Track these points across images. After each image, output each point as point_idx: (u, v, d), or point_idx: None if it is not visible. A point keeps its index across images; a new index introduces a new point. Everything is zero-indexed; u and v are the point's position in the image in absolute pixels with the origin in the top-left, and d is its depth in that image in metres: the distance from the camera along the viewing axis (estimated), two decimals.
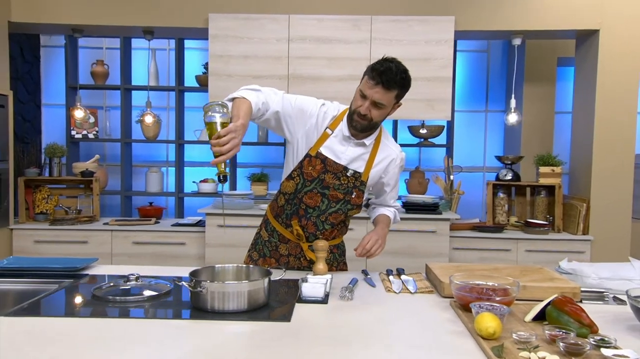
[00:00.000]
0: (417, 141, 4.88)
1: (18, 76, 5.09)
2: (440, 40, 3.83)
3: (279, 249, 2.19)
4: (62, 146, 4.27)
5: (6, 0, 3.90)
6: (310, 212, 2.10)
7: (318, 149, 2.06)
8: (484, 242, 3.91)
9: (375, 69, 1.93)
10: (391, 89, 1.93)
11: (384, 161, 2.13)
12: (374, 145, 2.11)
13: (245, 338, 1.39)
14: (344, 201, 2.10)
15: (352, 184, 2.09)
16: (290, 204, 2.13)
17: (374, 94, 1.93)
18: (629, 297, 1.48)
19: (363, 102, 1.97)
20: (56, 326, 1.43)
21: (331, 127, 2.09)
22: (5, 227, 3.87)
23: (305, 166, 2.07)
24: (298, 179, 2.08)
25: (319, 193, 2.08)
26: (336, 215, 2.12)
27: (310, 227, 2.12)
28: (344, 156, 2.07)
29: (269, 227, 2.23)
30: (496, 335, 1.36)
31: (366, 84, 1.96)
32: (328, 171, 2.07)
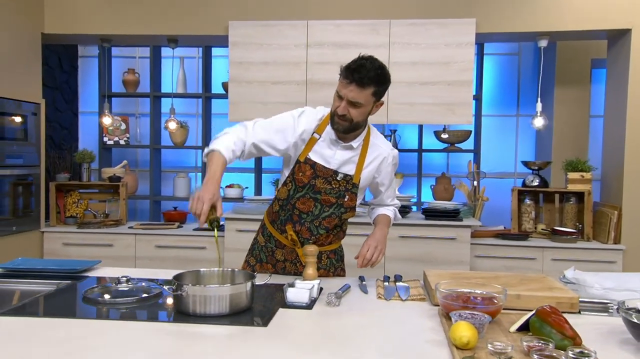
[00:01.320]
0: (443, 146, 4.80)
1: (56, 85, 5.30)
2: (461, 44, 3.75)
3: (275, 255, 2.19)
4: (92, 152, 4.41)
5: (40, 13, 4.07)
6: (304, 217, 2.09)
7: (306, 155, 2.06)
8: (507, 251, 3.79)
9: (348, 68, 1.92)
10: (366, 86, 1.90)
11: (374, 161, 2.11)
12: (362, 146, 2.08)
13: (216, 342, 1.39)
14: (337, 204, 2.09)
15: (343, 187, 2.07)
16: (284, 209, 2.13)
17: (349, 92, 1.91)
18: (621, 309, 1.40)
19: (340, 102, 1.95)
20: (38, 325, 1.47)
21: (318, 131, 2.07)
22: (36, 230, 4.03)
23: (296, 172, 2.07)
24: (290, 185, 2.09)
25: (311, 198, 2.07)
26: (330, 219, 2.10)
27: (305, 233, 2.11)
28: (333, 160, 2.06)
29: (266, 232, 2.23)
30: (470, 345, 1.31)
31: (341, 84, 1.94)
32: (318, 176, 2.06)
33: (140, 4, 4.05)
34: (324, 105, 2.18)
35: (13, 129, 3.80)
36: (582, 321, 1.61)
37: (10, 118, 3.76)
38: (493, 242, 3.82)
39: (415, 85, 3.79)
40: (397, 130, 4.87)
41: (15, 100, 3.81)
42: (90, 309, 1.63)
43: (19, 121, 3.85)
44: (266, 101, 3.88)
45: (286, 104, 3.86)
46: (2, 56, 3.68)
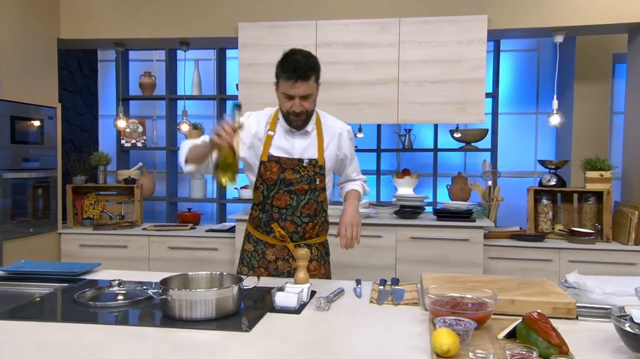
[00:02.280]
0: (459, 146, 4.72)
1: (76, 89, 5.41)
2: (472, 41, 3.68)
3: (266, 256, 2.23)
4: (107, 154, 4.48)
5: (56, 19, 4.15)
6: (283, 212, 2.16)
7: (268, 153, 2.15)
8: (522, 252, 3.70)
9: (286, 69, 2.02)
10: (309, 77, 2.03)
11: (332, 139, 2.21)
12: (316, 130, 2.19)
13: (197, 347, 1.38)
14: (310, 190, 2.16)
15: (312, 172, 2.16)
16: (263, 212, 2.20)
17: (298, 90, 2.02)
18: (612, 317, 1.34)
19: (291, 102, 2.06)
20: (23, 329, 1.48)
21: (271, 128, 2.19)
22: (54, 231, 4.11)
23: (262, 172, 2.15)
24: (262, 186, 2.17)
25: (285, 192, 2.15)
26: (309, 206, 2.17)
27: (290, 227, 2.17)
28: (294, 149, 2.16)
29: (252, 239, 2.28)
30: (451, 353, 1.28)
31: (285, 85, 2.04)
32: (285, 169, 2.14)
33: (153, 8, 4.09)
34: (333, 106, 2.25)
35: (31, 133, 3.88)
36: (579, 328, 1.56)
37: (28, 122, 3.84)
38: (508, 244, 3.74)
39: (426, 84, 3.74)
40: (411, 129, 4.82)
41: (33, 105, 3.89)
42: (79, 313, 1.64)
43: (37, 125, 3.93)
44: (276, 102, 3.84)
45: None
46: (20, 62, 3.76)
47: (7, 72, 3.61)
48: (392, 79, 3.77)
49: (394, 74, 3.76)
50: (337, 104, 3.78)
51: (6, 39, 3.63)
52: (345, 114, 3.83)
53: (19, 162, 3.75)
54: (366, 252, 3.68)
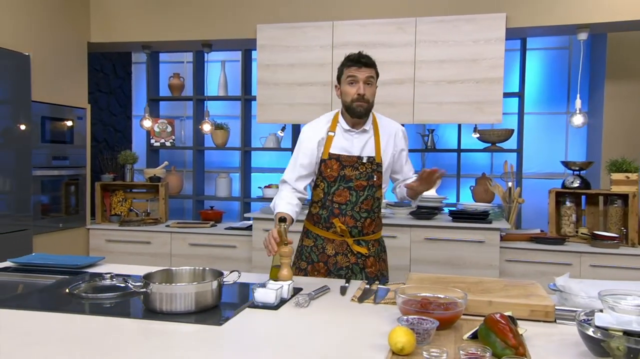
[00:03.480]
0: (484, 146, 4.64)
1: (110, 90, 5.63)
2: (490, 39, 3.62)
3: (326, 251, 2.32)
4: (134, 153, 4.64)
5: (86, 23, 4.34)
6: (344, 208, 2.27)
7: (328, 151, 2.28)
8: (541, 255, 3.62)
9: (352, 59, 2.24)
10: (371, 66, 2.23)
11: (389, 138, 2.34)
12: (374, 129, 2.31)
13: (164, 338, 1.43)
14: (368, 186, 2.27)
15: (370, 169, 2.28)
16: (324, 208, 2.31)
17: (363, 74, 2.20)
18: (577, 321, 1.31)
19: (356, 86, 2.21)
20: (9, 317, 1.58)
21: (331, 130, 2.32)
22: (83, 227, 4.30)
23: (323, 170, 2.29)
24: (322, 184, 2.30)
25: (345, 188, 2.27)
26: (367, 202, 2.28)
27: (350, 221, 2.27)
28: (353, 147, 2.28)
29: (311, 235, 2.37)
30: (405, 351, 1.29)
31: (350, 71, 2.22)
32: (345, 166, 2.27)
33: (177, 11, 4.21)
34: None
35: (61, 132, 4.07)
36: (554, 331, 1.53)
37: (58, 122, 4.03)
38: (526, 246, 3.65)
39: (443, 83, 3.70)
40: (435, 130, 4.77)
41: (63, 106, 4.08)
42: (67, 303, 1.72)
43: (67, 125, 4.12)
44: (293, 102, 3.92)
45: (312, 105, 3.89)
46: (51, 65, 3.95)
47: (39, 74, 3.79)
48: (408, 79, 3.75)
49: (410, 73, 3.75)
50: None
51: (38, 44, 3.82)
52: None
53: (49, 161, 3.94)
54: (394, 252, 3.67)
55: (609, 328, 1.28)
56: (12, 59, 3.55)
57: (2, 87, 3.46)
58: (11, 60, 3.54)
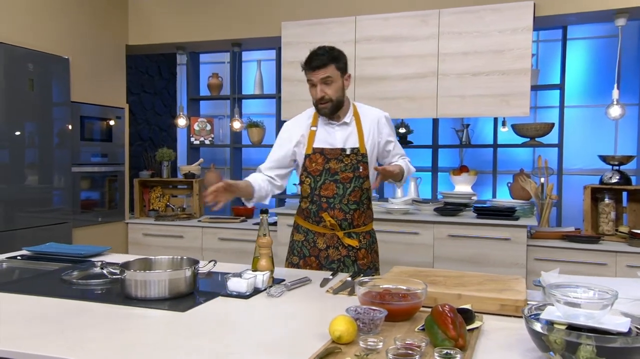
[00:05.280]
0: (522, 141, 4.46)
1: (156, 91, 5.87)
2: (517, 29, 3.48)
3: (317, 245, 2.33)
4: (171, 151, 4.81)
5: (124, 26, 4.55)
6: (331, 202, 2.27)
7: (312, 146, 2.29)
8: (574, 254, 3.43)
9: (306, 62, 2.24)
10: (326, 65, 2.19)
11: (371, 126, 2.32)
12: (355, 120, 2.31)
13: (117, 322, 1.48)
14: (355, 177, 2.28)
15: (355, 160, 2.28)
16: (312, 203, 2.32)
17: (317, 76, 2.19)
18: (524, 316, 1.25)
19: (315, 89, 2.22)
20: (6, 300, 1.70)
21: (313, 124, 2.34)
22: (121, 221, 4.51)
23: (308, 165, 2.30)
24: (308, 179, 2.31)
25: (331, 182, 2.27)
26: (354, 193, 2.28)
27: (339, 215, 2.28)
28: (336, 140, 2.29)
29: (302, 230, 2.39)
30: (343, 339, 1.28)
31: (307, 76, 2.24)
32: (329, 159, 2.27)
33: (209, 13, 4.34)
34: (372, 101, 2.66)
35: (100, 131, 4.29)
36: (518, 326, 1.46)
37: (97, 122, 4.25)
38: (557, 245, 3.48)
39: (466, 76, 3.60)
40: (470, 124, 4.64)
41: (102, 106, 4.30)
42: (54, 288, 1.82)
43: (106, 124, 4.34)
44: None
45: None
46: (90, 67, 4.18)
47: (78, 76, 4.02)
48: (431, 73, 3.68)
49: (433, 67, 3.67)
50: (376, 99, 3.76)
51: (78, 47, 4.05)
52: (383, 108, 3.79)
53: (89, 158, 4.17)
54: (402, 249, 3.63)
55: (555, 322, 1.22)
56: (53, 62, 3.79)
57: (43, 90, 3.69)
58: (52, 64, 3.78)
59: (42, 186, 3.73)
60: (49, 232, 3.75)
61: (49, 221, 3.78)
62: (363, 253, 2.33)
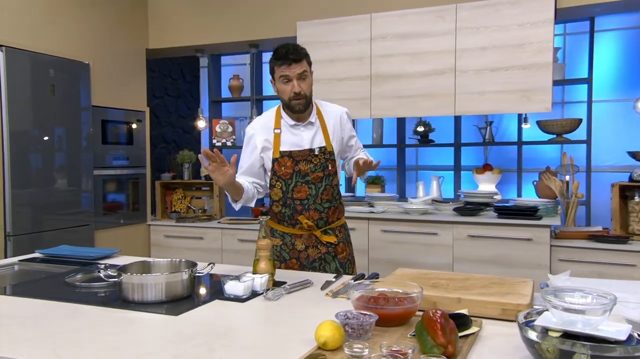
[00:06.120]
0: (548, 138, 4.32)
1: (179, 94, 5.93)
2: (537, 22, 3.36)
3: (295, 246, 2.31)
4: (192, 153, 4.84)
5: (145, 31, 4.61)
6: (305, 203, 2.25)
7: (279, 150, 2.25)
8: (600, 255, 3.30)
9: (280, 56, 2.17)
10: (302, 59, 2.17)
11: (335, 124, 2.32)
12: (318, 119, 2.30)
13: (107, 325, 1.47)
14: (325, 176, 2.27)
15: (323, 159, 2.26)
16: (285, 206, 2.29)
17: (294, 70, 2.15)
18: (518, 323, 1.19)
19: (291, 85, 2.17)
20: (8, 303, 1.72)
21: (276, 127, 2.28)
22: (143, 223, 4.57)
23: (277, 169, 2.26)
24: (279, 183, 2.26)
25: (302, 184, 2.24)
26: (327, 192, 2.28)
27: (315, 215, 2.27)
28: (303, 141, 2.26)
29: (277, 233, 2.36)
30: (328, 346, 1.24)
31: (281, 70, 2.16)
32: (298, 161, 2.24)
33: (226, 15, 4.35)
34: (388, 99, 2.70)
35: (121, 134, 4.35)
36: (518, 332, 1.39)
37: (118, 125, 4.31)
38: (582, 245, 3.35)
39: (485, 72, 3.50)
40: (493, 122, 4.52)
41: (123, 109, 4.36)
42: (55, 291, 1.83)
43: (127, 128, 4.40)
44: (332, 97, 3.86)
45: (351, 100, 3.84)
46: (111, 71, 4.24)
47: (99, 81, 4.09)
48: (448, 69, 3.59)
49: (450, 63, 3.58)
50: (393, 98, 3.70)
51: (98, 52, 4.11)
52: (400, 107, 3.74)
53: (109, 161, 4.23)
54: (421, 250, 3.56)
55: (550, 328, 1.15)
56: (74, 67, 3.86)
57: (64, 95, 3.76)
58: (73, 69, 3.85)
59: (66, 189, 3.80)
60: (73, 235, 3.82)
61: (72, 224, 3.85)
62: (342, 247, 2.35)
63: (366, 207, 3.97)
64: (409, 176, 4.96)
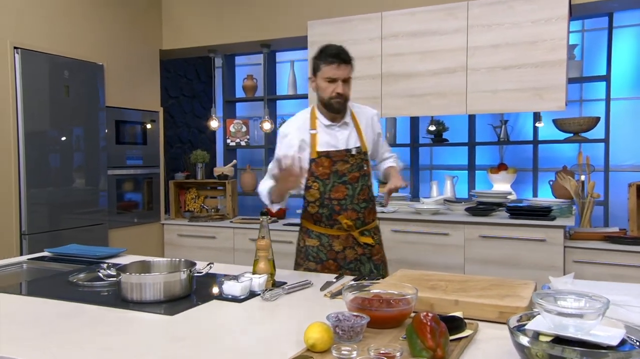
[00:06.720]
0: (564, 136, 4.24)
1: (194, 94, 5.97)
2: (551, 19, 3.30)
3: (333, 247, 2.30)
4: (205, 152, 4.87)
5: (158, 32, 4.65)
6: (343, 203, 2.26)
7: (316, 150, 2.26)
8: (617, 257, 3.22)
9: (329, 54, 2.19)
10: (349, 62, 2.19)
11: (367, 125, 2.36)
12: (352, 119, 2.32)
13: (102, 325, 1.48)
14: (361, 176, 2.29)
15: (359, 159, 2.29)
16: (323, 207, 2.29)
17: (341, 72, 2.17)
18: (508, 327, 1.16)
19: (334, 85, 2.18)
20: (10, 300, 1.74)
21: (312, 128, 2.29)
22: (157, 222, 4.61)
23: (315, 170, 2.26)
24: (316, 184, 2.28)
25: (340, 184, 2.25)
26: (363, 192, 2.30)
27: (352, 215, 2.28)
28: (339, 141, 2.27)
29: (314, 234, 2.34)
30: (317, 348, 1.22)
31: (328, 69, 2.18)
32: (336, 161, 2.25)
33: (237, 14, 4.37)
34: (399, 98, 2.72)
35: (135, 134, 4.40)
36: None
37: (132, 126, 4.36)
38: (598, 246, 3.27)
39: (497, 70, 3.44)
40: (508, 120, 4.45)
41: (137, 110, 4.41)
42: (57, 290, 1.85)
43: (140, 128, 4.44)
44: None
45: (362, 99, 3.79)
46: (126, 72, 4.29)
47: (113, 81, 4.13)
48: (460, 67, 3.54)
49: (462, 61, 3.53)
50: (404, 97, 3.67)
51: (112, 54, 4.16)
52: (411, 106, 3.71)
53: (123, 161, 4.28)
54: (432, 250, 3.52)
55: (542, 333, 1.12)
56: (88, 69, 3.91)
57: (78, 96, 3.81)
58: (87, 71, 3.90)
59: (80, 189, 3.86)
60: (88, 234, 3.87)
61: (87, 222, 3.91)
62: (377, 249, 2.36)
63: (378, 206, 3.94)
64: (423, 176, 4.91)
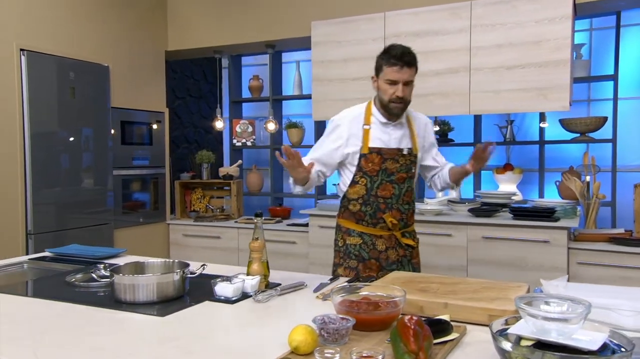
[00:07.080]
0: (572, 136, 4.19)
1: (201, 95, 6.00)
2: (554, 18, 3.26)
3: (376, 247, 2.28)
4: (210, 153, 4.89)
5: (164, 33, 4.68)
6: (389, 202, 2.25)
7: (368, 145, 2.22)
8: (622, 258, 3.18)
9: (393, 56, 2.13)
10: (412, 65, 2.15)
11: (420, 129, 2.34)
12: (407, 121, 2.30)
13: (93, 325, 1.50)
14: (408, 178, 2.27)
15: (409, 160, 2.27)
16: (367, 205, 2.26)
17: (404, 75, 2.13)
18: (491, 331, 1.15)
19: (395, 87, 2.15)
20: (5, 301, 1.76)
21: (366, 123, 2.26)
22: (163, 222, 4.64)
23: (364, 165, 2.23)
24: (364, 179, 2.25)
25: (387, 182, 2.24)
26: (408, 194, 2.28)
27: (397, 215, 2.26)
28: (392, 140, 2.25)
29: (355, 233, 2.30)
30: (300, 350, 1.23)
31: (390, 71, 2.14)
32: (387, 159, 2.23)
33: (241, 15, 4.39)
34: None
35: (140, 135, 4.43)
36: None
37: (137, 126, 4.39)
38: (602, 248, 3.24)
39: (501, 70, 3.42)
40: (514, 120, 4.42)
41: (142, 110, 4.44)
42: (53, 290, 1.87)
43: (146, 128, 4.47)
44: (346, 97, 3.87)
45: (365, 99, 3.76)
46: (132, 73, 4.32)
47: (118, 82, 4.17)
48: (463, 68, 3.52)
49: (465, 61, 3.51)
50: None
51: (117, 55, 4.19)
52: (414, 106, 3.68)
53: (129, 161, 4.31)
54: (435, 251, 3.50)
55: (524, 337, 1.11)
56: (93, 70, 3.94)
57: (84, 97, 3.85)
58: (92, 72, 3.93)
59: (86, 189, 3.89)
60: (93, 233, 3.91)
61: (92, 222, 3.95)
62: (416, 252, 2.36)
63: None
64: None
